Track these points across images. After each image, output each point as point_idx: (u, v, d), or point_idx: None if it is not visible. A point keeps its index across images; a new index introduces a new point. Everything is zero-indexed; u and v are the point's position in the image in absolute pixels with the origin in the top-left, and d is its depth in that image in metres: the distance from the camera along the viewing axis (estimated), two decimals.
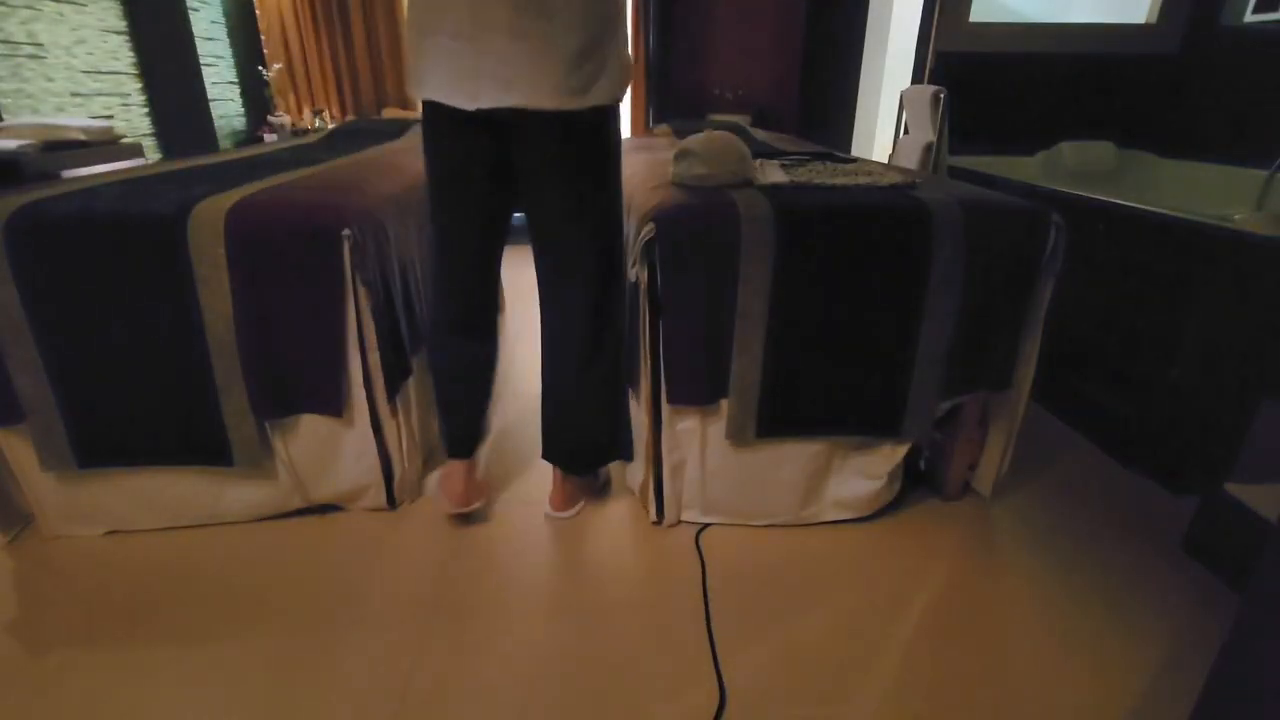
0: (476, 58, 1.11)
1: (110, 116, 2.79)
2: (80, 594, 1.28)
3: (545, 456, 1.50)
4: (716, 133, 1.42)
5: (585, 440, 1.47)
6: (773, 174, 1.45)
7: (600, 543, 1.44)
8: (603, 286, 1.33)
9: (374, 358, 1.36)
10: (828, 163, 1.67)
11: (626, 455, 1.54)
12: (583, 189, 1.25)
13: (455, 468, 1.46)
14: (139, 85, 2.98)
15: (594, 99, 1.16)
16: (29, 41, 2.39)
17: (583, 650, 1.16)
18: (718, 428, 1.38)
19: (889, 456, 1.43)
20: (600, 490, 1.61)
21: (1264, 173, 2.17)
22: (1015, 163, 2.64)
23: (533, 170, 1.23)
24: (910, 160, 2.45)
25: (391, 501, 1.51)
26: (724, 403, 1.35)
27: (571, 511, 1.52)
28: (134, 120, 2.95)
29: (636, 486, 1.53)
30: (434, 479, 1.47)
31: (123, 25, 2.89)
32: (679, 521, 1.49)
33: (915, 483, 1.61)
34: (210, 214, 1.22)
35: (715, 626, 1.20)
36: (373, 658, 1.13)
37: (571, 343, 1.37)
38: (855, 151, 3.97)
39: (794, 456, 1.41)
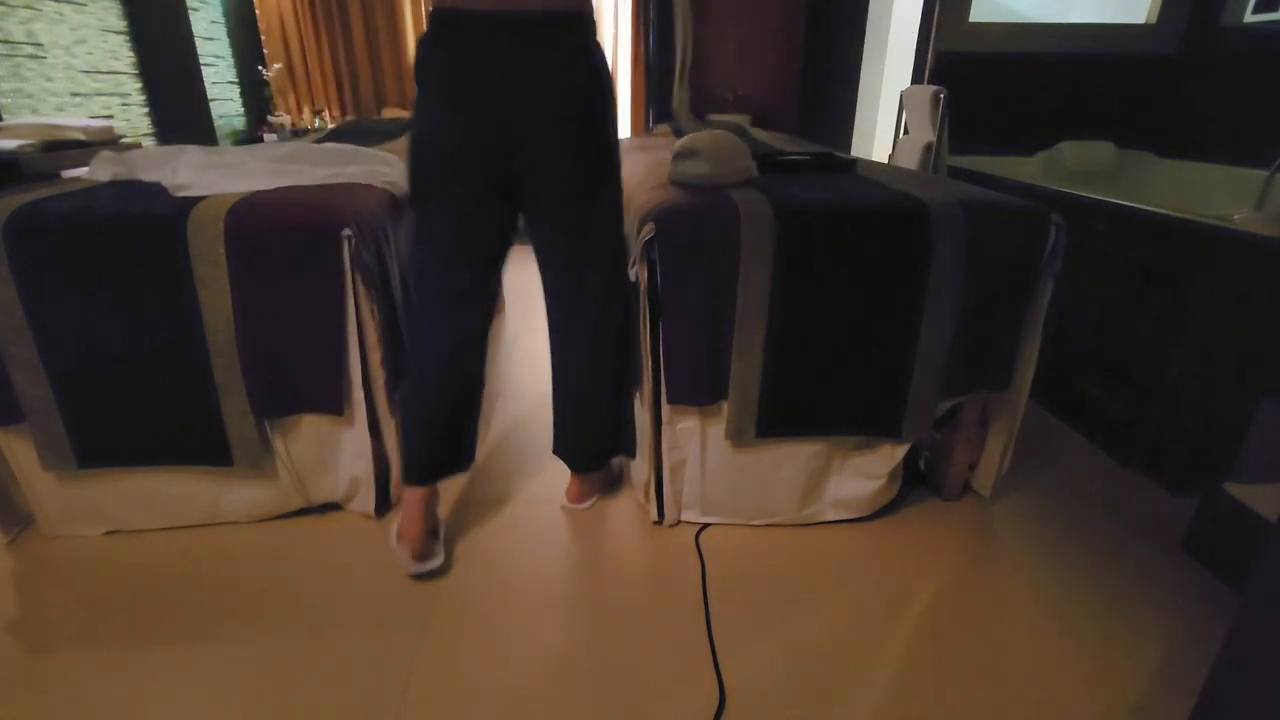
0: None
1: (110, 116, 2.78)
2: (80, 594, 1.28)
3: (555, 451, 1.51)
4: (718, 131, 1.42)
5: (596, 436, 1.48)
6: None
7: (600, 542, 1.44)
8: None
9: (374, 357, 1.36)
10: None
11: (630, 451, 1.54)
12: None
13: (414, 501, 1.31)
14: (139, 85, 2.98)
15: None
16: (29, 41, 2.39)
17: (582, 650, 1.16)
18: (718, 428, 1.38)
19: (889, 456, 1.43)
20: (615, 482, 1.62)
21: (1264, 173, 2.17)
22: (1015, 163, 2.64)
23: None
24: (910, 160, 2.45)
25: (386, 503, 1.50)
26: (724, 403, 1.35)
27: (587, 504, 1.54)
28: (134, 120, 2.95)
29: (638, 486, 1.53)
30: (393, 531, 1.33)
31: (123, 25, 2.89)
32: (679, 521, 1.49)
33: (915, 483, 1.62)
34: (210, 214, 1.22)
35: (715, 626, 1.20)
36: (373, 658, 1.13)
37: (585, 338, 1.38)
38: (855, 151, 3.96)
39: (794, 456, 1.41)
